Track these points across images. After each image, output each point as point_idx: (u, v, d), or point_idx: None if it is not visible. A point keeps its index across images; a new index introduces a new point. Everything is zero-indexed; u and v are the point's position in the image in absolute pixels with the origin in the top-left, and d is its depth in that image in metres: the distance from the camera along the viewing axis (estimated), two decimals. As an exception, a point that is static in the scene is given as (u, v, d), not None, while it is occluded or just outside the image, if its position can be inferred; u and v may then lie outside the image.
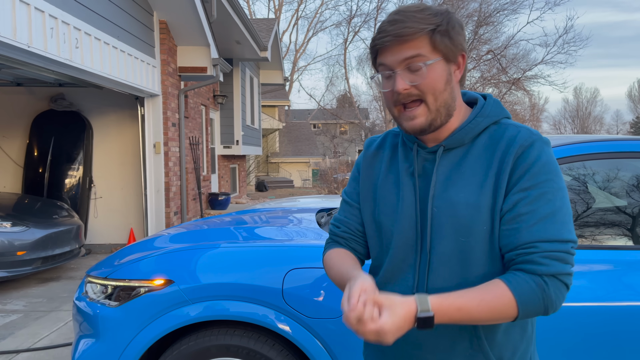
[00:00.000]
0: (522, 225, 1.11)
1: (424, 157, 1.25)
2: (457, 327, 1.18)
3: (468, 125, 1.21)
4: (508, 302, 1.07)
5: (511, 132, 1.19)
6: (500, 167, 1.16)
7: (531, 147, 1.14)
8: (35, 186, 8.02)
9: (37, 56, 4.54)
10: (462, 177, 1.18)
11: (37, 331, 4.45)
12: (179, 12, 7.23)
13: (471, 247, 1.16)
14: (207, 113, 11.26)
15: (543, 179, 1.12)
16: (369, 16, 29.38)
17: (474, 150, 1.20)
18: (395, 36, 1.14)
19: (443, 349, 1.20)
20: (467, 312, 1.06)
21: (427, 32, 1.13)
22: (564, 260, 1.09)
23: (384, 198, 1.30)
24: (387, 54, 1.16)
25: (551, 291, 1.08)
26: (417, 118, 1.17)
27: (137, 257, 2.48)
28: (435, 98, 1.16)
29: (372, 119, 33.54)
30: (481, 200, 1.15)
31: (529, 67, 22.36)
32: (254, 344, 2.22)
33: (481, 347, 1.18)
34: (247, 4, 32.61)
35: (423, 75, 1.14)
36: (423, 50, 1.14)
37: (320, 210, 3.57)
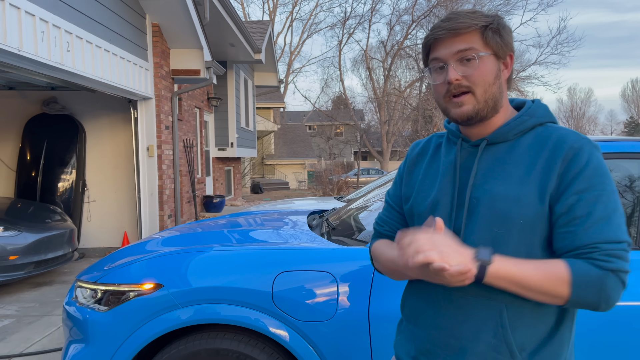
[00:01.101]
0: (579, 229, 1.13)
1: (468, 151, 1.29)
2: (482, 315, 1.20)
3: (513, 122, 1.25)
4: (562, 278, 1.09)
5: (559, 134, 1.21)
6: (547, 167, 1.18)
7: (581, 150, 1.16)
8: (28, 190, 7.97)
9: (28, 60, 4.51)
10: (504, 171, 1.21)
11: (29, 336, 4.42)
12: (172, 15, 7.21)
13: (505, 239, 1.18)
14: (201, 115, 11.23)
15: (597, 181, 1.14)
16: (363, 18, 29.46)
17: (518, 148, 1.23)
18: (449, 30, 1.20)
19: (467, 336, 1.22)
20: (523, 272, 1.09)
21: (479, 27, 1.20)
22: (624, 259, 1.11)
23: (422, 191, 1.34)
24: (441, 47, 1.22)
25: (610, 285, 1.09)
26: (465, 105, 1.21)
27: (127, 261, 2.46)
28: (485, 90, 1.21)
29: (368, 120, 33.56)
30: (521, 194, 1.18)
31: (523, 67, 22.45)
32: (244, 348, 2.21)
33: (505, 337, 1.19)
34: (242, 6, 32.63)
35: (475, 66, 1.20)
36: (475, 45, 1.20)
37: (312, 213, 3.56)
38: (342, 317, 2.13)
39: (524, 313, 1.19)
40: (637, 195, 2.25)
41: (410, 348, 1.34)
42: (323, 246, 2.36)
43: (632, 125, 56.79)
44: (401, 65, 28.89)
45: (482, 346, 1.20)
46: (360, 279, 2.16)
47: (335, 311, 2.13)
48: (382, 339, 2.12)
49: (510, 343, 1.18)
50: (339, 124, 30.78)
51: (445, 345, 1.24)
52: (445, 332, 1.24)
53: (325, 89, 52.32)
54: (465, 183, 1.26)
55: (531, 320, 1.19)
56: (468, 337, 1.22)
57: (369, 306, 2.12)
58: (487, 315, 1.20)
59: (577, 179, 1.14)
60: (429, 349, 1.28)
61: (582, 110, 66.21)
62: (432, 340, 1.27)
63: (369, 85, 30.13)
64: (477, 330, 1.21)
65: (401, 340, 1.39)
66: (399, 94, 27.44)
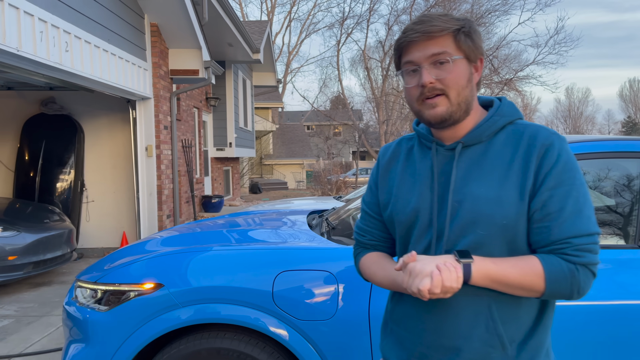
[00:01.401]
0: (552, 224, 1.18)
1: (443, 155, 1.30)
2: (473, 311, 1.23)
3: (486, 123, 1.27)
4: (537, 276, 1.16)
5: (531, 130, 1.25)
6: (524, 166, 1.21)
7: (552, 146, 1.21)
8: (27, 190, 7.96)
9: (27, 60, 4.51)
10: (482, 173, 1.24)
11: (29, 336, 4.41)
12: (170, 15, 7.20)
13: (490, 240, 1.21)
14: (199, 115, 11.23)
15: (566, 176, 1.19)
16: (362, 18, 29.40)
17: (492, 148, 1.26)
18: (423, 33, 1.21)
19: (462, 334, 1.23)
20: (502, 270, 1.16)
21: (452, 31, 1.22)
22: (594, 252, 1.18)
23: (400, 197, 1.34)
24: (414, 50, 1.23)
25: (581, 277, 1.17)
26: (439, 106, 1.22)
27: (127, 261, 2.46)
28: (458, 93, 1.23)
29: (366, 120, 33.56)
30: (502, 195, 1.21)
31: (521, 67, 22.45)
32: (244, 347, 2.21)
33: (496, 329, 1.22)
34: (240, 6, 32.60)
35: (449, 70, 1.21)
36: (448, 48, 1.22)
37: (312, 212, 3.57)
38: (342, 316, 2.13)
39: (510, 306, 1.23)
40: (635, 194, 2.26)
41: (400, 352, 1.35)
42: (323, 245, 2.37)
43: (629, 124, 56.89)
44: (399, 65, 28.77)
45: (476, 343, 1.22)
46: (361, 278, 2.16)
47: (336, 310, 2.14)
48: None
49: (502, 335, 1.22)
50: (338, 123, 30.78)
51: (439, 347, 1.26)
52: (438, 334, 1.26)
53: (324, 88, 52.33)
54: (444, 187, 1.26)
55: (517, 312, 1.24)
56: (462, 335, 1.23)
57: (369, 305, 2.13)
58: (478, 311, 1.23)
59: (549, 175, 1.19)
60: (423, 352, 1.28)
61: (580, 110, 66.31)
62: (425, 343, 1.28)
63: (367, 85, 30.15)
64: (470, 327, 1.23)
65: (389, 344, 1.40)
66: (397, 93, 27.45)
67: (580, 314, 2.05)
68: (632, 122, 57.63)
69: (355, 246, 1.50)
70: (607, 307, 2.06)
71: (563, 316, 2.04)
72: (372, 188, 1.45)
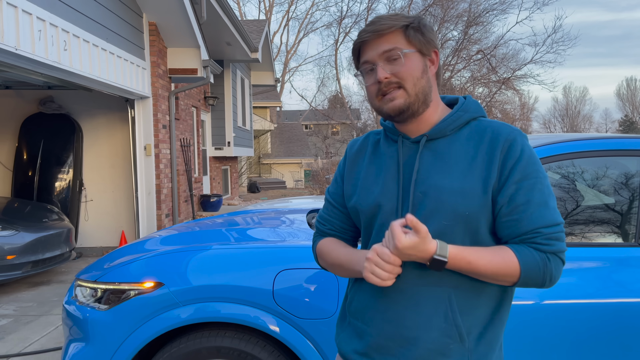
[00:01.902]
0: (521, 216, 1.22)
1: (409, 147, 1.34)
2: (433, 302, 1.26)
3: (450, 118, 1.32)
4: (513, 266, 1.20)
5: (494, 127, 1.30)
6: (488, 160, 1.25)
7: (515, 142, 1.26)
8: (25, 190, 7.95)
9: (25, 59, 4.50)
10: (446, 165, 1.28)
11: (28, 335, 4.41)
12: (169, 14, 7.19)
13: (453, 230, 1.25)
14: (198, 115, 11.22)
15: (531, 169, 1.24)
16: (360, 17, 29.38)
17: (456, 142, 1.30)
18: (373, 32, 1.28)
19: (420, 324, 1.26)
20: (475, 266, 1.20)
21: (400, 27, 1.28)
22: (562, 240, 1.23)
23: (365, 188, 1.37)
24: (368, 50, 1.30)
25: (552, 265, 1.21)
26: (397, 99, 1.27)
27: (127, 260, 2.46)
28: (414, 84, 1.27)
29: (364, 119, 33.55)
30: (466, 187, 1.25)
31: (519, 66, 22.44)
32: (245, 346, 2.21)
33: (455, 320, 1.25)
34: (238, 6, 32.56)
35: (401, 63, 1.26)
36: (399, 44, 1.27)
37: (312, 211, 3.57)
38: (342, 314, 2.13)
39: (469, 297, 1.26)
40: (634, 192, 2.27)
41: (357, 345, 1.36)
42: (323, 244, 2.36)
43: (626, 123, 56.98)
44: (397, 64, 28.77)
45: (434, 332, 1.25)
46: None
47: (336, 309, 2.14)
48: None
49: (460, 326, 1.24)
50: (336, 123, 30.77)
51: (399, 338, 1.27)
52: (398, 325, 1.27)
53: (322, 88, 52.33)
54: (408, 179, 1.30)
55: (476, 304, 1.27)
56: (421, 325, 1.25)
57: (369, 304, 2.13)
58: (438, 301, 1.25)
59: (514, 169, 1.24)
60: (382, 343, 1.30)
61: (577, 108, 66.36)
62: (384, 334, 1.29)
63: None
64: (429, 317, 1.25)
65: (345, 338, 1.41)
66: (395, 92, 27.43)
67: (579, 312, 2.06)
68: (630, 120, 57.73)
69: (315, 234, 1.53)
70: (605, 305, 2.07)
71: (561, 315, 2.05)
72: (338, 180, 1.49)
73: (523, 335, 2.05)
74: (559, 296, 2.05)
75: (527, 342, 2.06)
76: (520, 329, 2.04)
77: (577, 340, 2.06)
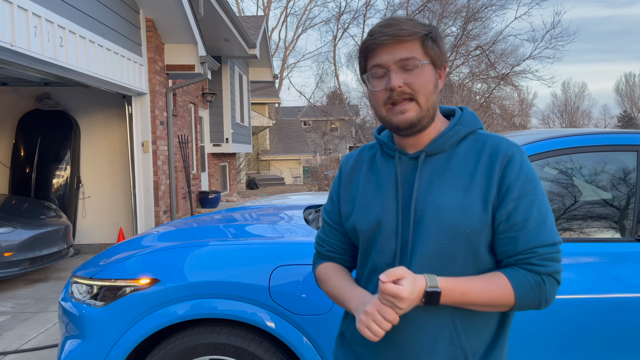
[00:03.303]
0: (518, 234, 1.19)
1: (407, 163, 1.28)
2: (437, 325, 1.22)
3: (449, 132, 1.27)
4: (507, 293, 1.17)
5: (492, 141, 1.26)
6: (487, 176, 1.22)
7: (513, 158, 1.22)
8: (22, 186, 7.93)
9: (21, 55, 4.48)
10: (445, 182, 1.23)
11: (25, 332, 4.40)
12: (166, 10, 7.16)
13: (454, 249, 1.21)
14: (196, 111, 11.20)
15: (529, 187, 1.21)
16: (358, 13, 29.39)
17: (455, 157, 1.26)
18: (392, 36, 1.19)
19: (425, 348, 1.23)
20: (470, 296, 1.16)
21: (420, 36, 1.21)
22: (557, 260, 1.20)
23: (363, 206, 1.32)
24: (382, 53, 1.21)
25: (547, 287, 1.19)
26: (408, 112, 1.21)
27: (123, 257, 2.45)
28: (427, 98, 1.22)
29: (363, 116, 33.52)
30: (466, 204, 1.21)
31: (518, 62, 22.40)
32: (241, 342, 2.21)
33: (460, 342, 1.22)
34: (236, 2, 32.47)
35: (417, 74, 1.20)
36: (416, 54, 1.20)
37: (309, 207, 3.56)
38: (339, 310, 2.13)
39: (472, 319, 1.24)
40: (631, 187, 2.26)
41: None
42: (319, 240, 2.36)
43: (625, 119, 57.00)
44: (396, 60, 28.77)
45: (440, 356, 1.22)
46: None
47: (332, 305, 2.14)
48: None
49: (465, 348, 1.22)
50: (334, 119, 30.70)
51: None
52: (402, 349, 1.24)
53: (320, 84, 52.19)
54: (407, 196, 1.25)
55: (480, 324, 1.24)
56: (425, 349, 1.22)
57: (365, 299, 2.12)
58: (441, 324, 1.22)
59: (513, 186, 1.20)
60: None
61: (576, 104, 66.34)
62: (386, 359, 1.27)
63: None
64: (434, 340, 1.22)
65: (342, 358, 1.39)
66: (394, 89, 27.42)
67: (576, 307, 2.06)
68: (628, 116, 57.74)
69: (315, 256, 1.49)
70: (603, 300, 2.07)
71: (560, 310, 2.05)
72: (334, 198, 1.44)
73: (521, 331, 2.04)
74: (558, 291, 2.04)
75: (525, 338, 2.05)
76: (518, 324, 2.03)
77: (575, 336, 2.05)
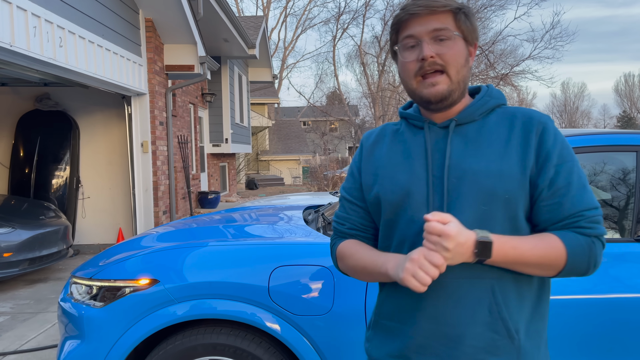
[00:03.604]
0: (563, 199, 1.18)
1: (436, 132, 1.27)
2: (476, 295, 1.19)
3: (478, 102, 1.28)
4: (559, 252, 1.15)
5: (523, 111, 1.27)
6: (524, 141, 1.22)
7: (547, 125, 1.23)
8: (22, 187, 7.93)
9: (20, 55, 4.47)
10: (479, 148, 1.23)
11: (24, 333, 4.40)
12: (165, 10, 7.16)
13: (492, 215, 1.19)
14: (195, 111, 11.19)
15: (566, 153, 1.21)
16: (357, 13, 29.40)
17: (486, 126, 1.26)
18: (426, 7, 1.20)
19: (464, 320, 1.20)
20: (521, 252, 1.14)
21: (453, 8, 1.21)
22: (602, 223, 1.21)
23: (388, 177, 1.29)
24: (415, 24, 1.21)
25: (597, 250, 1.18)
26: (439, 84, 1.21)
27: (123, 257, 2.45)
28: (457, 71, 1.21)
29: (362, 116, 33.54)
30: (504, 168, 1.19)
31: (517, 62, 22.42)
32: (240, 342, 2.21)
33: (500, 313, 1.19)
34: (235, 2, 32.47)
35: (449, 46, 1.20)
36: (449, 25, 1.21)
37: (308, 208, 3.56)
38: (338, 311, 2.13)
39: (511, 289, 1.21)
40: (631, 187, 2.26)
41: (392, 348, 1.28)
42: (319, 240, 2.36)
43: (624, 119, 57.03)
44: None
45: (479, 327, 1.19)
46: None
47: (332, 305, 2.14)
48: (378, 332, 2.12)
49: (506, 319, 1.19)
50: (334, 119, 30.73)
51: (441, 336, 1.21)
52: (440, 322, 1.21)
53: (320, 84, 52.24)
54: (439, 165, 1.23)
55: (518, 296, 1.22)
56: (464, 321, 1.19)
57: (365, 300, 2.12)
58: (480, 295, 1.19)
59: (551, 152, 1.20)
60: (422, 343, 1.23)
61: (576, 104, 66.41)
62: (425, 333, 1.22)
63: (364, 80, 30.12)
64: (473, 311, 1.19)
65: (377, 344, 1.33)
66: (393, 89, 27.43)
67: (575, 307, 2.06)
68: (628, 116, 57.79)
69: (333, 236, 1.42)
70: (603, 300, 2.07)
71: (559, 310, 2.05)
72: (354, 173, 1.39)
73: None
74: (556, 292, 2.04)
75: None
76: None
77: (574, 336, 2.05)
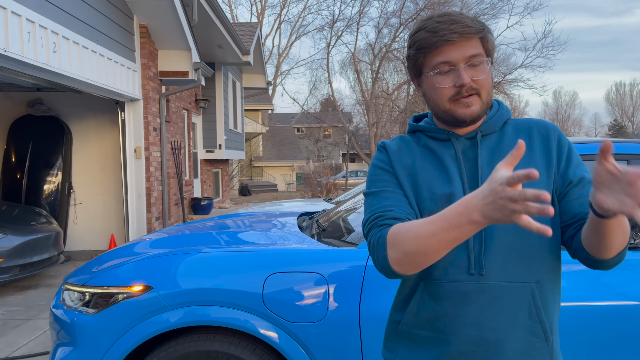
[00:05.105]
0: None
1: (463, 143, 1.32)
2: (516, 299, 1.22)
3: (496, 114, 1.34)
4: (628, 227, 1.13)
5: (536, 121, 1.36)
6: (545, 148, 1.30)
7: (561, 134, 1.34)
8: (13, 192, 7.87)
9: (14, 61, 4.46)
10: (505, 156, 1.27)
11: (15, 340, 4.36)
12: (160, 16, 7.17)
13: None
14: (189, 117, 11.18)
15: (579, 158, 1.32)
16: (352, 20, 29.53)
17: (505, 137, 1.33)
18: (461, 33, 1.23)
19: (506, 324, 1.21)
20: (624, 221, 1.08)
21: (484, 32, 1.26)
22: None
23: (426, 186, 1.28)
24: (450, 50, 1.24)
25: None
26: (474, 105, 1.26)
27: (116, 264, 2.44)
28: (488, 93, 1.29)
29: (356, 123, 33.61)
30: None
31: (509, 70, 22.63)
32: (234, 349, 2.20)
33: (539, 316, 1.23)
34: (230, 8, 32.55)
35: (483, 70, 1.26)
36: (480, 50, 1.26)
37: (302, 214, 3.56)
38: (332, 318, 2.13)
39: (548, 291, 1.25)
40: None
41: (426, 357, 1.28)
42: (313, 247, 2.36)
43: (616, 127, 57.51)
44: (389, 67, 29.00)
45: (520, 331, 1.22)
46: (351, 279, 2.16)
47: (326, 312, 2.13)
48: (372, 339, 2.12)
49: (544, 322, 1.23)
50: (328, 126, 30.77)
51: (483, 341, 1.22)
52: (483, 327, 1.22)
53: (314, 91, 52.32)
54: (472, 173, 1.28)
55: (552, 298, 1.27)
56: (506, 325, 1.21)
57: (359, 307, 2.13)
58: (521, 297, 1.22)
59: (570, 155, 1.30)
60: (463, 350, 1.23)
61: (567, 113, 66.93)
62: (466, 340, 1.23)
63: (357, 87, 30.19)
64: (514, 315, 1.22)
65: (406, 354, 1.31)
66: (387, 96, 27.54)
67: (568, 314, 2.07)
68: (619, 125, 58.28)
69: (375, 230, 1.24)
70: (595, 308, 2.08)
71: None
72: (387, 168, 1.33)
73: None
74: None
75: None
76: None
77: (566, 343, 2.06)
